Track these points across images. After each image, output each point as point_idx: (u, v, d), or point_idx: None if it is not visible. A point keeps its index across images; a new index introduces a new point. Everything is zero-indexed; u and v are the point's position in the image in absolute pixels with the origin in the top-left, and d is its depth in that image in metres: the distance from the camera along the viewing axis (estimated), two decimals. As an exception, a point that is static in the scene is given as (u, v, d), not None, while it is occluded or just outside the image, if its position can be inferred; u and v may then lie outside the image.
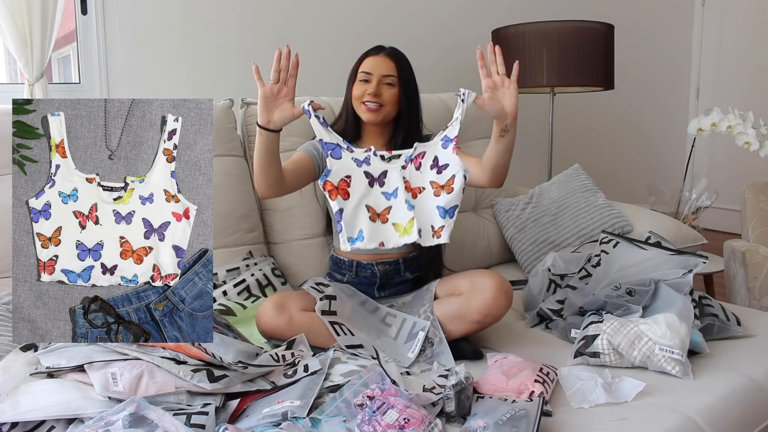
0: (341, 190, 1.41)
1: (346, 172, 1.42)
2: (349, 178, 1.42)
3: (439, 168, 1.43)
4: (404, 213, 1.40)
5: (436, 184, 1.42)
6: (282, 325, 1.48)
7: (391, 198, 1.42)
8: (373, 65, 1.66)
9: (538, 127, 3.40)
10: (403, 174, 1.43)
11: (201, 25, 2.52)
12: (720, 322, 1.62)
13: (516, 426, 1.13)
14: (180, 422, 1.09)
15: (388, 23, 2.96)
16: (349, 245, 1.42)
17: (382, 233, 1.42)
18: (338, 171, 1.42)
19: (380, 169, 1.43)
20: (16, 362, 1.30)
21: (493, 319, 1.53)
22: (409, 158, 1.44)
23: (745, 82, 4.20)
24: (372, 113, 1.65)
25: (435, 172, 1.43)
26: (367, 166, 1.43)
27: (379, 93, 1.64)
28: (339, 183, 1.41)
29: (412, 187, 1.43)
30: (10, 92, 2.16)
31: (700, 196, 2.70)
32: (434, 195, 1.42)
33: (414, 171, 1.44)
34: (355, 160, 1.43)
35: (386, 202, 1.43)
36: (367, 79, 1.65)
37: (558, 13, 3.37)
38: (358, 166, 1.43)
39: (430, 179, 1.43)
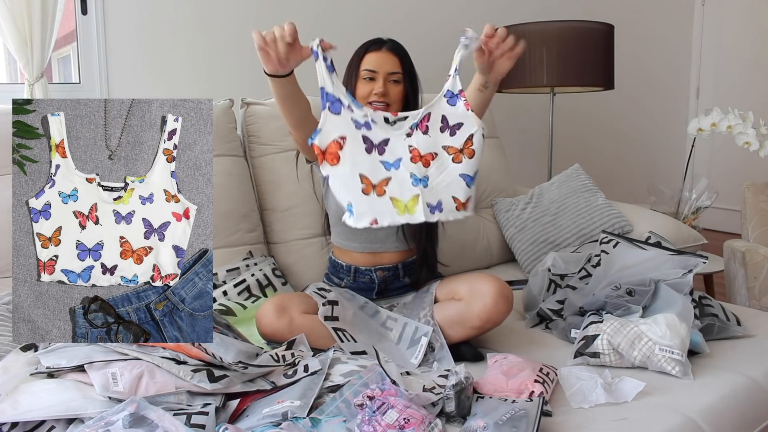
0: (329, 153, 1.22)
1: (340, 133, 1.23)
2: (342, 140, 1.23)
3: (452, 129, 1.25)
4: (407, 188, 1.23)
5: (453, 149, 1.24)
6: (282, 328, 1.48)
7: (392, 168, 1.24)
8: (377, 62, 1.60)
9: (538, 127, 3.40)
10: (408, 142, 1.25)
11: (201, 25, 2.52)
12: (720, 322, 1.62)
13: (516, 426, 1.13)
14: (180, 422, 1.09)
15: (387, 23, 2.96)
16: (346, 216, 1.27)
17: (376, 208, 1.23)
18: (330, 130, 1.23)
19: (381, 136, 1.26)
20: (16, 362, 1.30)
21: (493, 324, 1.53)
22: (415, 124, 1.26)
23: (745, 82, 4.20)
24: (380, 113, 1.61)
25: (448, 134, 1.25)
26: (366, 130, 1.25)
27: (386, 92, 1.58)
28: (328, 146, 1.22)
29: (422, 154, 1.24)
30: (10, 92, 2.16)
31: (700, 196, 2.70)
32: (453, 161, 1.23)
33: (421, 137, 1.25)
34: (354, 121, 1.24)
35: (385, 173, 1.24)
36: (372, 77, 1.59)
37: (558, 13, 3.37)
38: (356, 128, 1.24)
39: (443, 143, 1.25)
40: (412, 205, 1.22)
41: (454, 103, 1.26)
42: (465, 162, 1.23)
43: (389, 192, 1.24)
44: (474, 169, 1.25)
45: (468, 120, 1.25)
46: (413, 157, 1.25)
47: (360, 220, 1.24)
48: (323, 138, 1.23)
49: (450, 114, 1.26)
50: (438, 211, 1.24)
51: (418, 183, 1.23)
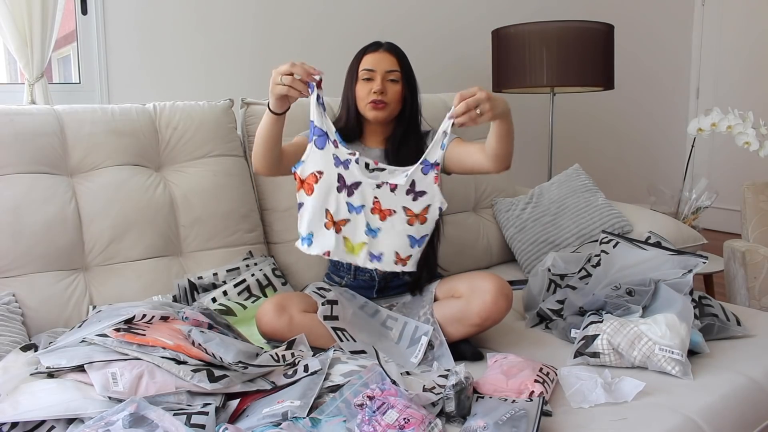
0: (307, 184, 1.35)
1: (320, 167, 1.34)
2: (320, 174, 1.34)
3: (416, 194, 1.36)
4: (359, 233, 1.35)
5: (411, 212, 1.36)
6: (282, 327, 1.48)
7: (353, 212, 1.36)
8: (375, 62, 1.63)
9: (538, 127, 3.39)
10: (375, 193, 1.36)
11: (201, 26, 2.52)
12: (720, 322, 1.62)
13: (516, 426, 1.13)
14: (180, 422, 1.09)
15: (387, 23, 2.96)
16: (300, 244, 1.38)
17: (331, 242, 1.36)
18: (312, 163, 1.34)
19: (355, 178, 1.36)
20: (16, 362, 1.30)
21: (492, 322, 1.53)
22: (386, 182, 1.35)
23: (745, 82, 4.20)
24: (379, 111, 1.62)
25: (410, 198, 1.36)
26: (344, 169, 1.35)
27: (384, 90, 1.61)
28: (307, 177, 1.34)
29: (382, 208, 1.35)
30: (10, 92, 2.16)
31: (700, 196, 2.70)
32: (407, 223, 1.35)
33: (388, 192, 1.36)
34: (334, 158, 1.34)
35: (346, 214, 1.36)
36: (370, 77, 1.62)
37: (558, 13, 3.37)
38: (335, 166, 1.35)
39: (403, 204, 1.36)
40: (358, 249, 1.35)
41: (426, 172, 1.36)
42: (416, 226, 1.36)
43: (344, 232, 1.37)
44: (422, 234, 1.36)
45: (432, 192, 1.36)
46: (374, 208, 1.36)
47: (315, 249, 1.37)
48: (305, 169, 1.35)
49: (419, 181, 1.36)
50: (377, 260, 1.37)
51: (369, 233, 1.36)
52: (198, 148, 1.89)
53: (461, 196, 2.22)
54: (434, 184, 1.37)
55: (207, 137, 1.90)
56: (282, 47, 2.72)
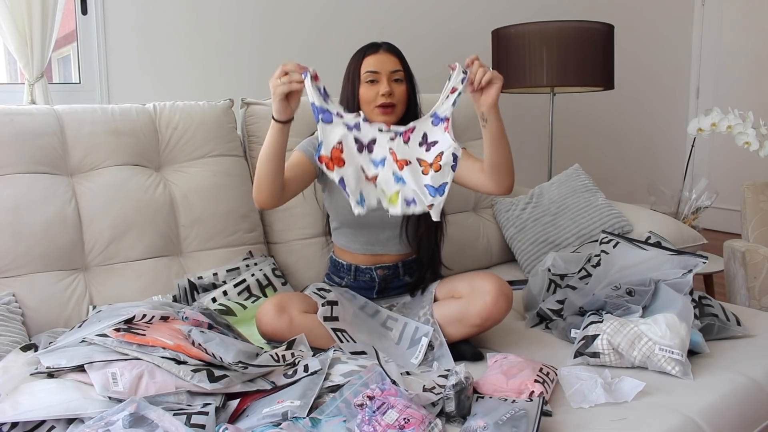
0: (335, 158, 1.35)
1: (337, 138, 1.36)
2: (341, 144, 1.36)
3: (428, 145, 1.37)
4: (391, 184, 1.36)
5: (425, 162, 1.37)
6: (282, 327, 1.48)
7: (379, 166, 1.38)
8: (378, 63, 1.60)
9: (538, 127, 3.40)
10: (390, 145, 1.38)
11: (201, 26, 2.52)
12: (720, 322, 1.62)
13: (516, 426, 1.13)
14: (180, 422, 1.09)
15: (387, 23, 2.96)
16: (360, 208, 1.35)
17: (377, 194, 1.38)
18: (330, 138, 1.35)
19: (369, 135, 1.38)
20: (16, 362, 1.30)
21: (492, 322, 1.53)
22: (399, 133, 1.39)
23: (745, 82, 4.20)
24: (388, 115, 1.59)
25: (424, 150, 1.38)
26: (357, 131, 1.37)
27: (392, 92, 1.59)
28: (332, 152, 1.35)
29: (398, 158, 1.37)
30: (10, 92, 2.16)
31: (700, 196, 2.70)
32: (422, 173, 1.37)
33: (402, 144, 1.38)
34: (345, 125, 1.37)
35: (374, 170, 1.38)
36: (375, 79, 1.59)
37: (558, 13, 3.37)
38: (348, 131, 1.37)
39: (417, 156, 1.38)
40: (395, 198, 1.36)
41: (437, 123, 1.38)
42: (431, 175, 1.36)
43: (378, 185, 1.38)
44: (439, 182, 1.36)
45: (443, 140, 1.37)
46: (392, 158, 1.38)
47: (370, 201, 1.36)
48: (326, 147, 1.35)
49: (430, 132, 1.38)
50: (414, 204, 1.36)
51: (398, 181, 1.37)
52: (198, 148, 1.89)
53: (461, 196, 2.22)
54: (444, 133, 1.37)
55: (207, 137, 1.90)
56: (281, 47, 2.72)
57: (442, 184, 1.36)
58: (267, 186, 1.46)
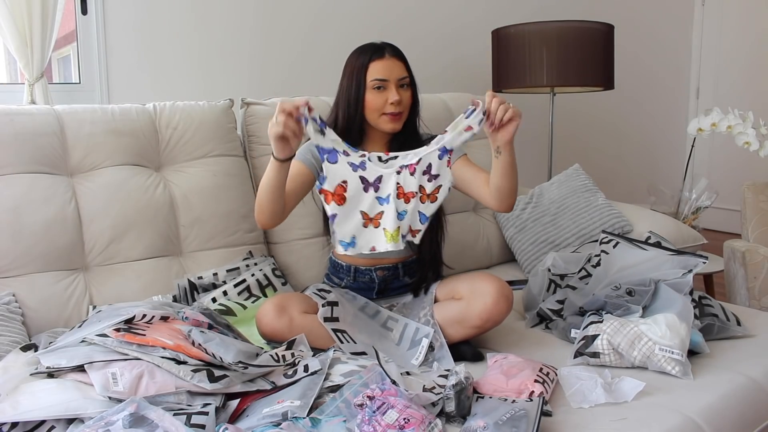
0: (337, 195, 1.40)
1: (342, 177, 1.40)
2: (345, 183, 1.40)
3: (431, 176, 1.43)
4: (393, 221, 1.40)
5: (424, 191, 1.43)
6: (282, 328, 1.48)
7: (384, 203, 1.42)
8: (386, 70, 1.58)
9: (538, 127, 3.39)
10: (397, 179, 1.42)
11: (201, 26, 2.52)
12: (720, 322, 1.62)
13: (516, 426, 1.13)
14: (180, 422, 1.09)
15: (387, 23, 2.96)
16: (342, 249, 1.41)
17: (373, 238, 1.41)
18: (334, 176, 1.40)
19: (375, 174, 1.42)
20: (16, 362, 1.30)
21: (493, 324, 1.53)
22: (405, 166, 1.42)
23: (745, 82, 4.20)
24: (396, 122, 1.60)
25: (426, 179, 1.43)
26: (362, 170, 1.41)
27: (401, 100, 1.58)
28: (336, 188, 1.39)
29: (405, 192, 1.42)
30: (10, 92, 2.16)
31: (700, 196, 2.70)
32: (420, 201, 1.43)
33: (408, 176, 1.42)
34: (350, 165, 1.40)
35: (379, 207, 1.42)
36: (383, 86, 1.58)
37: (558, 13, 3.37)
38: (353, 171, 1.40)
39: (419, 184, 1.43)
40: (396, 235, 1.41)
41: (441, 157, 1.43)
42: (426, 204, 1.43)
43: (382, 224, 1.42)
44: (430, 212, 1.44)
45: (444, 173, 1.43)
46: (399, 193, 1.42)
47: (362, 249, 1.41)
48: (330, 183, 1.40)
49: (435, 164, 1.43)
50: (403, 239, 1.42)
51: (399, 217, 1.42)
52: (198, 148, 1.89)
53: (461, 196, 2.20)
54: (446, 167, 1.43)
55: (207, 137, 1.90)
56: (281, 47, 2.72)
57: (431, 214, 1.44)
58: (269, 211, 1.48)
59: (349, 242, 1.41)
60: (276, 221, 1.51)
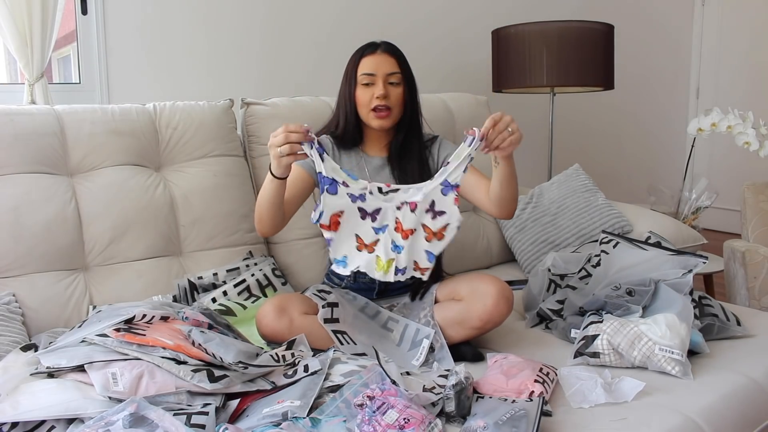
0: (333, 224, 1.40)
1: (339, 208, 1.39)
2: (341, 213, 1.39)
3: (435, 213, 1.39)
4: (388, 251, 1.40)
5: (429, 230, 1.40)
6: (282, 329, 1.48)
7: (379, 233, 1.41)
8: (374, 65, 1.58)
9: (538, 127, 3.39)
10: (396, 214, 1.40)
11: (201, 25, 2.52)
12: (720, 322, 1.62)
13: (516, 426, 1.13)
14: (180, 422, 1.09)
15: (387, 23, 2.96)
16: (334, 265, 1.43)
17: (364, 260, 1.41)
18: (332, 208, 1.39)
19: (375, 206, 1.40)
20: (16, 362, 1.30)
21: (493, 325, 1.53)
22: (406, 202, 1.40)
23: (745, 82, 4.20)
24: (383, 119, 1.58)
25: (430, 217, 1.40)
26: (361, 202, 1.40)
27: (387, 94, 1.56)
28: (331, 219, 1.39)
29: (404, 228, 1.40)
30: (10, 92, 2.16)
31: (700, 196, 2.70)
32: (425, 240, 1.40)
33: (408, 213, 1.40)
34: (350, 196, 1.39)
35: (375, 236, 1.41)
36: (371, 82, 1.57)
37: (558, 13, 3.37)
38: (352, 202, 1.39)
39: (423, 222, 1.40)
40: (388, 267, 1.40)
41: (446, 193, 1.39)
42: (434, 243, 1.41)
43: (377, 251, 1.42)
44: (439, 250, 1.42)
45: (450, 212, 1.39)
46: (396, 227, 1.40)
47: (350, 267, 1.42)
48: (326, 216, 1.39)
49: (438, 201, 1.39)
50: (401, 273, 1.42)
51: (395, 249, 1.41)
52: (198, 148, 1.89)
53: (461, 196, 2.22)
54: (453, 205, 1.39)
55: (207, 137, 1.90)
56: (282, 47, 2.72)
57: (439, 252, 1.42)
58: (269, 220, 1.49)
59: (341, 259, 1.42)
60: (277, 230, 1.53)
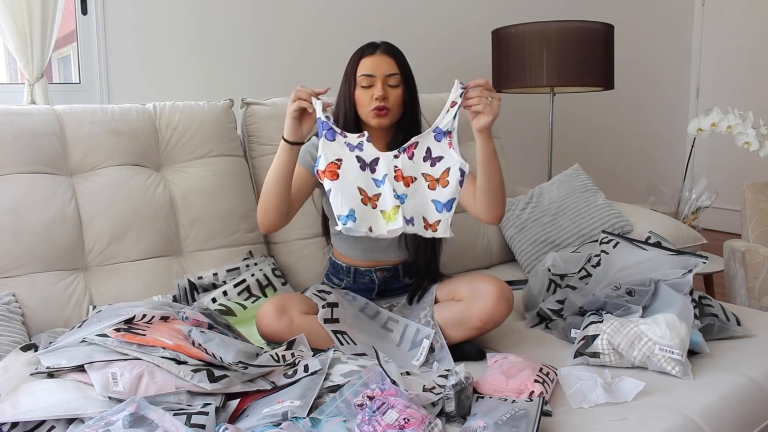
0: (329, 172, 1.37)
1: (337, 156, 1.39)
2: (339, 161, 1.38)
3: (432, 160, 1.41)
4: (390, 200, 1.38)
5: (431, 177, 1.40)
6: (282, 329, 1.48)
7: (380, 185, 1.40)
8: (373, 66, 1.57)
9: (538, 127, 3.39)
10: (395, 163, 1.41)
11: (201, 25, 2.52)
12: (720, 322, 1.62)
13: (516, 426, 1.13)
14: (180, 422, 1.09)
15: (387, 23, 2.96)
16: (341, 224, 1.35)
17: (372, 218, 1.38)
18: (329, 154, 1.38)
19: (372, 155, 1.41)
20: (16, 362, 1.30)
21: (493, 325, 1.53)
22: (402, 149, 1.42)
23: (745, 82, 4.19)
24: (382, 118, 1.58)
25: (429, 165, 1.41)
26: (359, 151, 1.40)
27: (386, 95, 1.56)
28: (328, 166, 1.37)
29: (405, 176, 1.40)
30: (10, 92, 2.16)
31: (700, 196, 2.70)
32: (429, 188, 1.40)
33: (407, 160, 1.41)
34: (347, 144, 1.40)
35: (376, 189, 1.40)
36: (370, 83, 1.57)
37: (558, 13, 3.37)
38: (350, 151, 1.40)
39: (422, 171, 1.41)
40: (393, 214, 1.37)
41: (440, 139, 1.41)
42: (438, 190, 1.40)
43: (379, 206, 1.39)
44: (447, 197, 1.40)
45: (448, 155, 1.40)
46: (396, 176, 1.40)
47: (360, 225, 1.35)
48: (323, 162, 1.38)
49: (434, 147, 1.41)
50: (411, 224, 1.38)
51: (398, 198, 1.39)
52: (198, 148, 1.89)
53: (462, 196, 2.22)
54: (449, 149, 1.41)
55: (207, 137, 1.90)
56: (281, 47, 2.72)
57: (449, 200, 1.40)
58: (274, 208, 1.50)
59: (348, 215, 1.35)
60: (280, 223, 1.53)
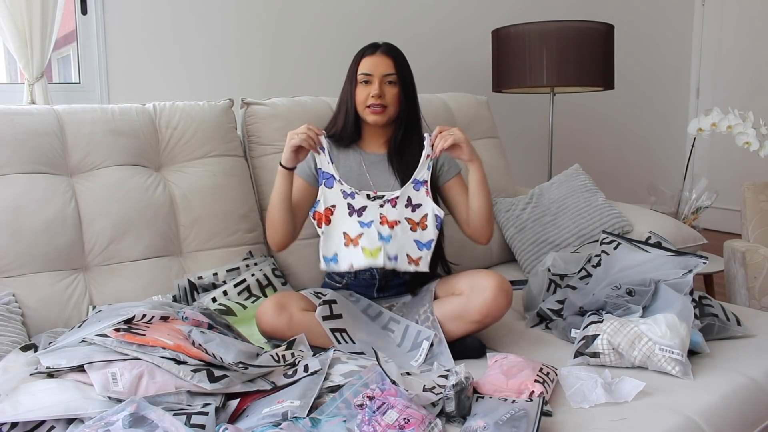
0: (326, 217, 1.57)
1: (333, 202, 1.57)
2: (333, 207, 1.57)
3: (413, 207, 1.58)
4: (374, 241, 1.54)
5: (411, 221, 1.58)
6: (282, 325, 1.48)
7: (365, 227, 1.56)
8: (372, 66, 1.64)
9: (538, 127, 3.40)
10: (380, 211, 1.57)
11: (201, 25, 2.52)
12: (720, 322, 1.62)
13: (516, 426, 1.13)
14: (180, 422, 1.09)
15: (387, 23, 2.96)
16: (324, 264, 1.55)
17: (352, 256, 1.54)
18: (327, 200, 1.57)
19: (361, 204, 1.57)
20: (16, 362, 1.30)
21: (493, 319, 1.53)
22: (387, 200, 1.58)
23: (745, 82, 4.20)
24: (378, 115, 1.65)
25: (410, 210, 1.58)
26: (351, 199, 1.57)
27: (382, 94, 1.64)
28: (325, 211, 1.57)
29: (389, 220, 1.56)
30: (10, 92, 2.17)
31: (700, 196, 2.70)
32: (411, 230, 1.57)
33: (390, 209, 1.57)
34: (342, 192, 1.57)
35: (359, 230, 1.55)
36: (368, 81, 1.64)
37: (558, 13, 3.37)
38: (343, 198, 1.57)
39: (405, 216, 1.58)
40: (376, 253, 1.53)
41: (418, 188, 1.59)
42: (419, 232, 1.58)
43: (361, 243, 1.55)
44: (427, 239, 1.58)
45: (425, 203, 1.59)
46: (382, 221, 1.57)
47: (341, 265, 1.55)
48: (321, 206, 1.58)
49: (414, 196, 1.59)
50: (394, 261, 1.54)
51: (382, 239, 1.55)
52: (198, 148, 1.89)
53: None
54: (426, 197, 1.59)
55: (207, 137, 1.90)
56: (282, 47, 2.72)
57: (428, 241, 1.58)
58: (281, 228, 1.61)
59: (331, 258, 1.56)
60: (289, 239, 1.65)
